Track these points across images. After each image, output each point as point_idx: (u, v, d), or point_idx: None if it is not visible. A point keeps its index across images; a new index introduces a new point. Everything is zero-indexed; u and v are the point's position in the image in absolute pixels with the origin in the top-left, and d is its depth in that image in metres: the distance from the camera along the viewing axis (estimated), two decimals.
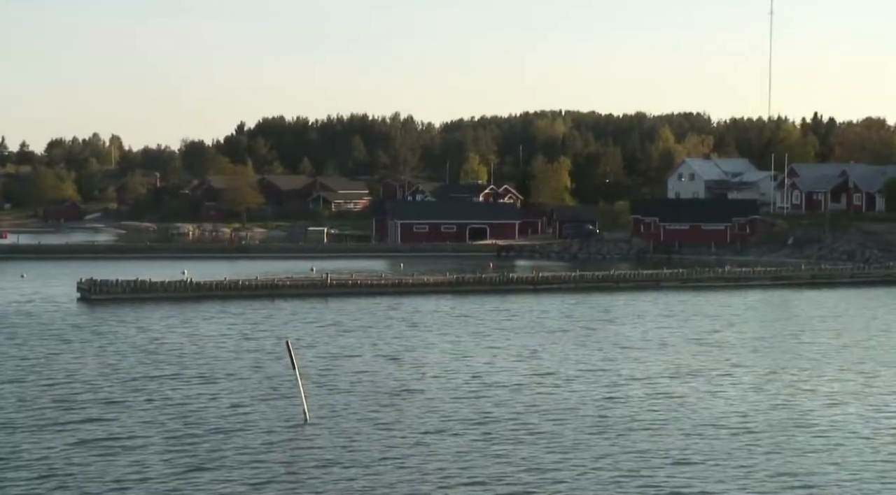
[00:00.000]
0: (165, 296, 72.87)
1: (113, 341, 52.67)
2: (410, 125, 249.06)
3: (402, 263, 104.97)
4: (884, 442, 32.96)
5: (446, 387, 40.96)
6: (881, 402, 38.92)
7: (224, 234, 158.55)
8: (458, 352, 50.43)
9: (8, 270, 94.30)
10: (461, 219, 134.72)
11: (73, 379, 42.10)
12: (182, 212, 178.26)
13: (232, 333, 56.01)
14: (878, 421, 35.87)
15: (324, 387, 40.67)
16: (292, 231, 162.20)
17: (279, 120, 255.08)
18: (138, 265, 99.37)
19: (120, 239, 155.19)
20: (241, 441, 32.19)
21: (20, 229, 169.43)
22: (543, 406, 37.77)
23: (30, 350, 49.63)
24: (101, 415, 35.50)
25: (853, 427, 34.84)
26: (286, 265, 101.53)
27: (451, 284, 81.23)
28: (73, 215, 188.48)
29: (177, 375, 43.28)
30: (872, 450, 31.85)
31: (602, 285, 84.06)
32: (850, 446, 32.33)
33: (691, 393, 40.18)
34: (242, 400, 38.25)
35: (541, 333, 57.60)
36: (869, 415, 36.64)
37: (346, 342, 53.18)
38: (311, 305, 69.94)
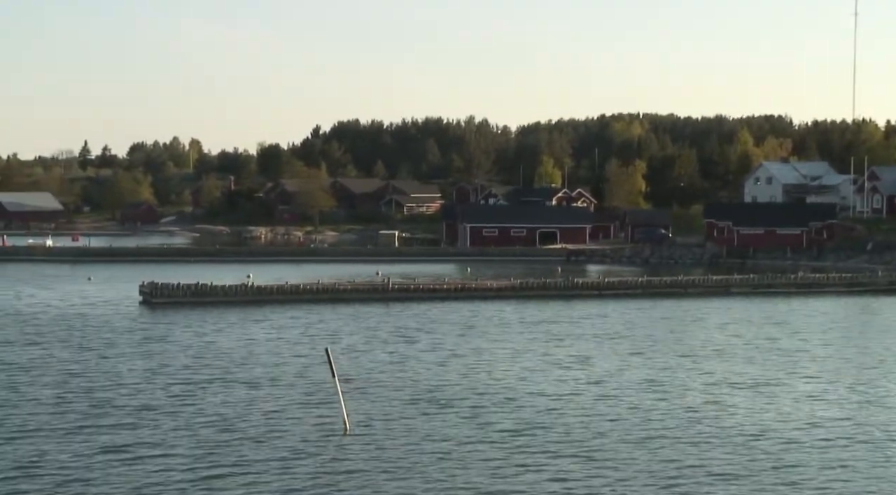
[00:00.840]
0: (226, 299, 72.62)
1: (165, 345, 52.45)
2: (485, 128, 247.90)
3: (469, 267, 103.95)
4: None
5: (495, 396, 39.86)
6: None
7: (296, 238, 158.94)
8: (510, 358, 49.34)
9: (77, 273, 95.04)
10: (531, 223, 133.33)
11: (116, 383, 41.90)
12: (256, 216, 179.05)
13: (287, 338, 55.53)
14: None
15: (370, 396, 39.84)
16: (364, 234, 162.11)
17: (354, 123, 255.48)
18: (208, 268, 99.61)
19: (193, 242, 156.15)
20: (271, 450, 31.51)
21: (98, 232, 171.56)
22: (589, 415, 36.61)
23: (79, 353, 49.59)
24: (136, 421, 35.16)
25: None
26: (354, 269, 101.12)
27: (515, 289, 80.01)
28: (149, 218, 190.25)
29: (221, 380, 42.84)
30: None
31: (670, 291, 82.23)
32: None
33: (741, 404, 38.67)
34: (282, 407, 37.66)
35: (599, 339, 56.34)
36: None
37: (398, 348, 52.35)
38: (371, 310, 69.20)
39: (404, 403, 38.57)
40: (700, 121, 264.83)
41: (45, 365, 46.37)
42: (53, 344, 52.51)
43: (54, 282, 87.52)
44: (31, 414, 35.99)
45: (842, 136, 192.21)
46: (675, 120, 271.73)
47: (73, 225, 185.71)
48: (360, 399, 38.96)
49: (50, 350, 50.51)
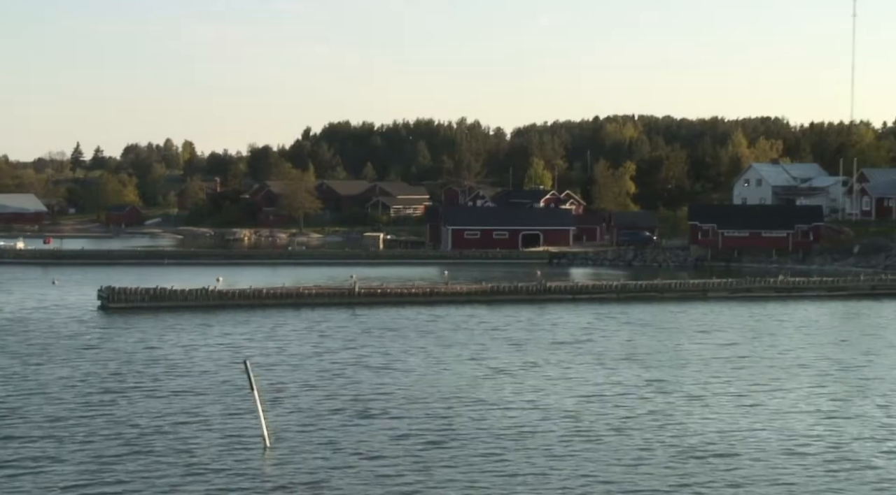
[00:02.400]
0: (185, 304, 70.53)
1: (103, 352, 50.45)
2: (477, 130, 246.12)
3: (447, 270, 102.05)
4: None
5: (428, 405, 37.86)
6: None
7: (280, 240, 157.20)
8: (455, 365, 47.35)
9: (47, 276, 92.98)
10: (514, 226, 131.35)
11: (31, 392, 39.89)
12: (241, 218, 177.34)
13: (232, 345, 53.47)
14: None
15: (300, 406, 37.86)
16: (349, 236, 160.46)
17: (345, 125, 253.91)
18: (182, 272, 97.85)
19: (177, 244, 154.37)
20: (175, 466, 29.52)
21: (81, 234, 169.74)
22: (511, 423, 34.90)
23: (8, 358, 47.56)
24: (32, 432, 33.26)
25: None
26: (332, 272, 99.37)
27: (486, 293, 77.96)
28: (133, 220, 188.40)
29: (146, 389, 40.83)
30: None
31: (645, 295, 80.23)
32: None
33: (669, 410, 36.70)
34: (204, 419, 35.57)
35: (550, 345, 54.57)
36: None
37: (343, 355, 50.32)
38: (334, 315, 67.16)
39: (332, 414, 36.65)
40: (695, 122, 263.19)
41: None
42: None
43: (17, 285, 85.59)
44: None
45: (836, 138, 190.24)
46: (670, 121, 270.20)
47: (57, 227, 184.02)
48: (291, 410, 37.10)
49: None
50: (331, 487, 28.09)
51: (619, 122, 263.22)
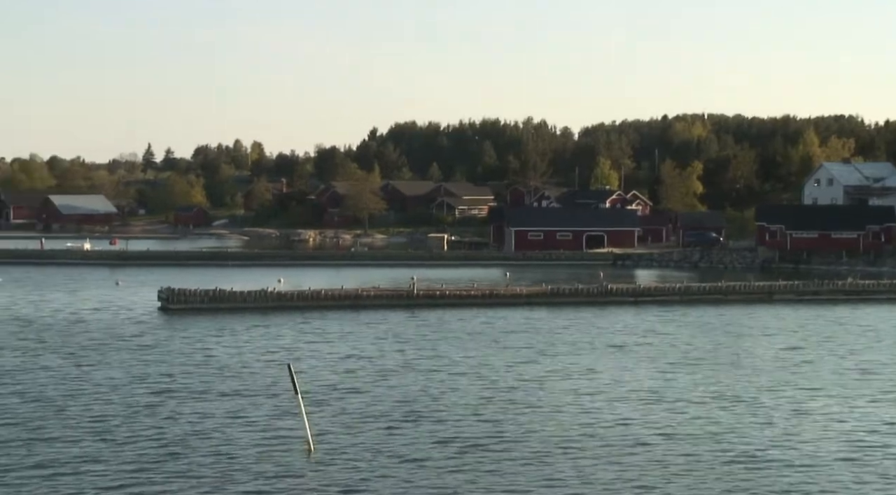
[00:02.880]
0: (244, 306, 70.51)
1: (158, 353, 50.50)
2: (543, 130, 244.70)
3: (509, 272, 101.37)
4: None
5: (472, 408, 37.25)
6: None
7: (345, 241, 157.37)
8: (504, 369, 46.70)
9: (113, 277, 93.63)
10: (578, 227, 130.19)
11: (84, 392, 40.01)
12: (307, 218, 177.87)
13: (289, 346, 53.31)
14: None
15: (347, 411, 37.42)
16: (413, 237, 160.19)
17: (411, 125, 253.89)
18: (245, 273, 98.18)
19: (243, 245, 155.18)
20: (217, 468, 29.29)
21: (149, 235, 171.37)
22: (559, 427, 34.26)
23: (64, 359, 47.86)
24: (88, 434, 33.22)
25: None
26: (394, 273, 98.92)
27: (546, 296, 77.14)
28: (200, 221, 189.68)
29: (196, 391, 40.69)
30: None
31: (709, 297, 78.83)
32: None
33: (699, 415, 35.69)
34: (250, 421, 35.26)
35: (606, 348, 53.83)
36: None
37: (396, 357, 49.88)
38: (391, 317, 66.73)
39: (379, 417, 36.24)
40: (766, 121, 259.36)
41: (19, 370, 44.69)
42: (44, 349, 50.80)
43: (82, 286, 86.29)
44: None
45: None
46: (741, 120, 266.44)
47: (126, 228, 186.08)
48: (339, 413, 36.79)
49: (36, 356, 48.78)
50: (372, 491, 27.64)
51: (688, 120, 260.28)
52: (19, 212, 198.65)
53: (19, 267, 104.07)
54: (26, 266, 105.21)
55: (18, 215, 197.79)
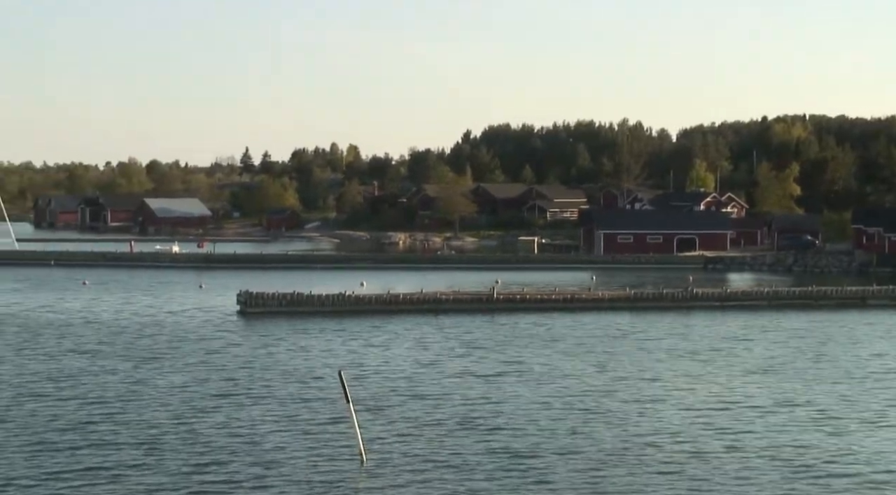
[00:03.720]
0: (322, 310, 70.03)
1: (226, 356, 50.32)
2: (638, 131, 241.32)
3: (595, 275, 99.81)
4: None
5: (532, 415, 36.04)
6: None
7: (435, 244, 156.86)
8: (568, 372, 45.48)
9: (200, 280, 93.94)
10: (668, 230, 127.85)
11: (142, 396, 39.80)
12: (398, 221, 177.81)
13: (359, 350, 52.71)
14: None
15: (407, 417, 36.56)
16: (504, 240, 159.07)
17: (505, 128, 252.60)
18: (330, 276, 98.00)
19: (334, 248, 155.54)
20: (264, 476, 28.73)
21: (242, 237, 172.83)
22: (620, 436, 32.91)
23: (127, 363, 47.79)
24: (137, 439, 32.86)
25: None
26: (480, 277, 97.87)
27: (629, 300, 75.48)
28: (293, 224, 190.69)
29: (254, 396, 40.18)
30: None
31: (799, 302, 76.40)
32: None
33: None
34: (306, 429, 34.55)
35: (683, 354, 52.21)
36: None
37: (465, 364, 48.85)
38: (470, 322, 65.67)
39: (437, 425, 35.37)
40: (870, 121, 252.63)
41: (83, 373, 44.71)
42: (113, 353, 50.84)
43: (166, 288, 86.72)
44: (24, 427, 34.06)
45: None
46: (843, 121, 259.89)
47: (220, 230, 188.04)
48: (398, 420, 36.02)
49: (101, 360, 48.82)
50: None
51: (788, 121, 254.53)
52: (116, 215, 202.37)
53: (109, 270, 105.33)
54: (116, 269, 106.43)
55: (116, 218, 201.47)
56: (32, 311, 68.78)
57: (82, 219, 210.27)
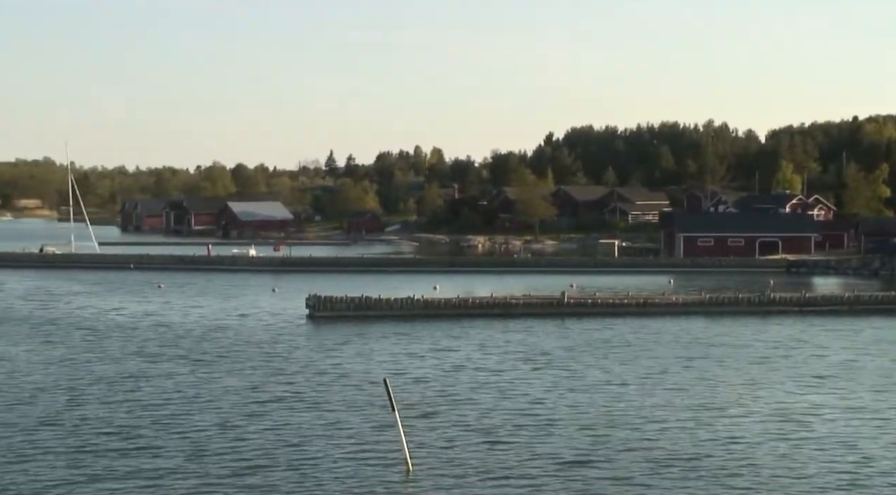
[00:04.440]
0: (391, 313, 69.51)
1: (286, 360, 50.04)
2: (724, 133, 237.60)
3: (672, 279, 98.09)
4: None
5: (582, 424, 35.07)
6: None
7: (514, 247, 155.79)
8: (627, 378, 44.34)
9: (272, 283, 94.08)
10: (750, 232, 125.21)
11: (195, 400, 39.65)
12: (478, 224, 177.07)
13: (421, 355, 52.13)
14: None
15: (458, 423, 35.77)
16: (584, 243, 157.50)
17: (587, 129, 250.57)
18: (405, 279, 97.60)
19: (413, 251, 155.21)
20: (306, 485, 28.28)
21: (322, 241, 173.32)
22: (671, 448, 31.76)
23: (183, 367, 47.71)
24: (184, 445, 32.55)
25: None
26: (556, 280, 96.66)
27: (704, 304, 73.78)
28: (373, 227, 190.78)
29: (306, 402, 39.66)
30: None
31: (882, 308, 74.07)
32: None
33: None
34: (354, 436, 33.98)
35: (753, 360, 50.79)
36: None
37: (525, 368, 48.01)
38: (540, 326, 64.58)
39: (488, 434, 34.52)
40: None
41: (141, 376, 44.75)
42: (174, 356, 50.85)
43: (239, 292, 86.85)
44: (73, 430, 33.90)
45: None
46: None
47: (302, 234, 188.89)
48: (450, 427, 35.34)
49: (161, 363, 48.84)
50: None
51: (880, 122, 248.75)
52: (200, 218, 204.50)
53: (187, 273, 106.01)
54: (193, 272, 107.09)
55: (199, 222, 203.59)
56: (103, 314, 69.38)
57: (167, 223, 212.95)
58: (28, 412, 37.13)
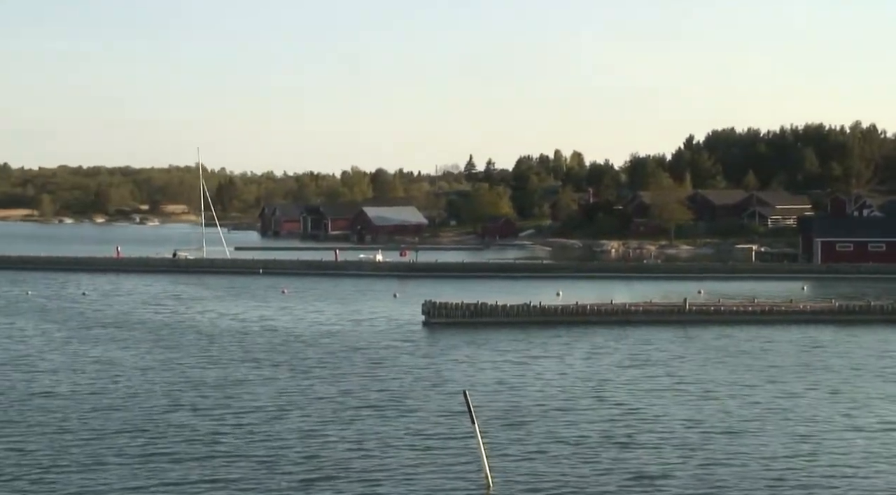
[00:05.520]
0: (507, 320, 68.31)
1: (390, 367, 49.43)
2: (872, 134, 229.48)
3: (806, 285, 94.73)
4: None
5: (667, 438, 33.52)
6: None
7: (648, 251, 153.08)
8: (725, 390, 42.56)
9: (397, 289, 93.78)
10: (893, 237, 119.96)
11: (285, 407, 39.20)
12: (612, 229, 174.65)
13: (528, 363, 50.79)
14: None
15: (547, 437, 34.60)
16: (720, 248, 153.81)
17: (729, 132, 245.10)
18: (533, 284, 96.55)
19: (547, 256, 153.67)
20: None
21: (456, 246, 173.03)
22: (769, 462, 30.02)
23: (282, 372, 47.48)
24: (260, 451, 32.07)
25: None
26: (686, 287, 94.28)
27: (834, 312, 70.69)
28: (507, 232, 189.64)
29: (402, 408, 39.10)
30: None
31: None
32: None
33: None
34: (437, 448, 33.07)
35: (881, 374, 48.23)
36: None
37: (625, 378, 46.42)
38: (659, 334, 62.69)
39: (576, 446, 33.29)
40: None
41: (238, 383, 44.71)
42: (278, 362, 50.75)
43: (360, 297, 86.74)
44: (159, 435, 33.85)
45: None
46: None
47: (436, 239, 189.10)
48: (538, 441, 34.08)
49: (263, 368, 48.82)
50: None
51: None
52: (336, 223, 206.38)
53: (314, 278, 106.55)
54: (321, 277, 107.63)
55: (335, 227, 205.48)
56: (220, 318, 70.01)
57: (304, 228, 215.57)
58: (118, 416, 37.28)
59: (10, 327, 64.14)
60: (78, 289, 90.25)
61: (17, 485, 28.55)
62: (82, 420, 36.53)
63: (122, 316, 70.68)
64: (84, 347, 55.15)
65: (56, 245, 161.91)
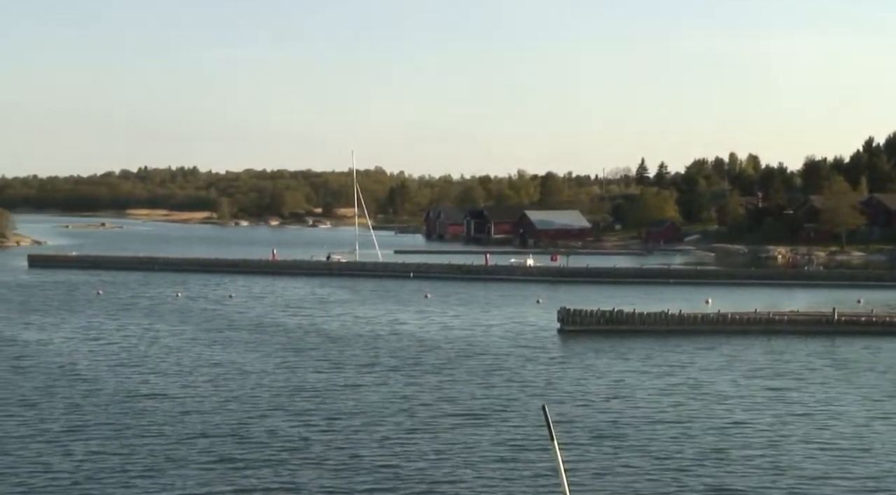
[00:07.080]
0: (643, 328, 66.37)
1: (495, 376, 48.36)
2: None
3: None
4: None
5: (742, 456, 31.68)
6: None
7: (818, 258, 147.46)
8: (826, 408, 40.28)
9: (542, 294, 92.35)
10: None
11: (371, 416, 38.70)
12: (781, 234, 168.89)
13: (657, 374, 49.23)
14: None
15: (630, 453, 33.27)
16: (894, 255, 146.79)
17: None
18: (682, 292, 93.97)
19: (711, 262, 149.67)
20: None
21: (619, 251, 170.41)
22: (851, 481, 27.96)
23: (396, 377, 47.05)
24: (322, 460, 31.81)
25: None
26: (846, 295, 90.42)
27: None
28: (672, 237, 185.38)
29: (500, 418, 38.10)
30: None
31: None
32: None
33: None
34: (521, 463, 32.09)
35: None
36: None
37: (746, 393, 44.45)
38: (802, 346, 59.92)
39: (664, 460, 31.96)
40: None
41: (339, 388, 44.56)
42: (396, 367, 50.53)
43: (503, 303, 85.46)
44: (223, 441, 33.74)
45: None
46: None
47: (599, 243, 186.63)
48: (622, 457, 32.96)
49: (371, 373, 48.62)
50: None
51: None
52: (499, 227, 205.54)
53: (464, 282, 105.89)
54: (470, 282, 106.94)
55: (498, 230, 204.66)
56: (354, 322, 70.19)
57: (467, 231, 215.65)
58: (209, 420, 37.39)
59: (146, 328, 65.62)
60: (227, 292, 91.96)
61: (86, 488, 28.80)
62: (171, 423, 36.81)
63: (258, 319, 71.58)
64: (209, 350, 55.91)
65: (227, 247, 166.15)
